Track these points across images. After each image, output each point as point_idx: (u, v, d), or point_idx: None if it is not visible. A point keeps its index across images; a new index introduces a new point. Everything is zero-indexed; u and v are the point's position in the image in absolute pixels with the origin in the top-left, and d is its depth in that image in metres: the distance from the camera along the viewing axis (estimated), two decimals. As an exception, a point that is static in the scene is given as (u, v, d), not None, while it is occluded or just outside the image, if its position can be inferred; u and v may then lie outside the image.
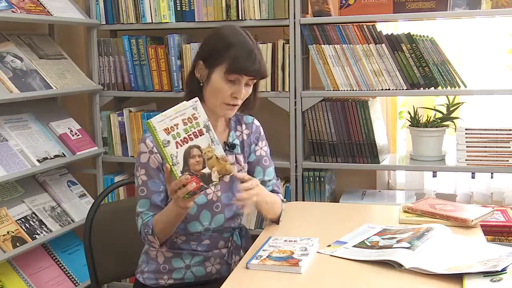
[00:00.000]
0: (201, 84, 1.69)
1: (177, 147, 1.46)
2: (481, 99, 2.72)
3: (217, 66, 1.63)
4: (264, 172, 1.84)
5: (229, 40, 1.64)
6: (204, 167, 1.48)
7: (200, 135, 1.49)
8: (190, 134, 1.48)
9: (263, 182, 1.82)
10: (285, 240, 1.64)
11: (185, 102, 1.49)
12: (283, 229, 1.79)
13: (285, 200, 1.89)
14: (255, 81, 1.69)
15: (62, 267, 2.64)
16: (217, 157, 1.50)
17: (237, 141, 1.79)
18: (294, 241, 1.63)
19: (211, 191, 1.70)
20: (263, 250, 1.58)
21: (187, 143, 1.47)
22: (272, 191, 1.84)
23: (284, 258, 1.51)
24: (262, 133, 1.87)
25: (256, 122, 1.87)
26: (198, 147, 1.48)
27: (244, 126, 1.83)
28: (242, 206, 1.61)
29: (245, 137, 1.82)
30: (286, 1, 2.53)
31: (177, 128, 1.46)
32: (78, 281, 2.64)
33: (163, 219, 1.61)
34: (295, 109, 2.60)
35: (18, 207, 2.44)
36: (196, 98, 1.51)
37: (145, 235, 1.65)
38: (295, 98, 2.59)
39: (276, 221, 1.83)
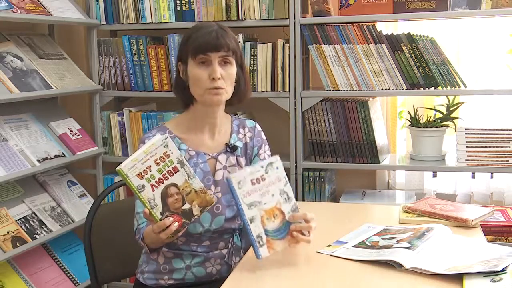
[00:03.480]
0: (187, 84, 1.71)
1: (153, 190, 1.42)
2: (481, 99, 2.71)
3: (188, 57, 1.68)
4: None
5: (192, 29, 1.71)
6: (184, 203, 1.46)
7: (175, 172, 1.45)
8: (165, 174, 1.44)
9: None
10: (252, 183, 1.51)
11: (154, 141, 1.45)
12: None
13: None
14: (228, 58, 1.68)
15: (62, 267, 2.64)
16: (195, 191, 1.48)
17: (239, 143, 1.80)
18: (262, 178, 1.53)
19: (211, 192, 1.70)
20: (252, 222, 1.49)
21: (163, 183, 1.44)
22: None
23: (283, 230, 1.53)
24: (264, 137, 1.89)
25: (258, 127, 1.88)
26: (175, 185, 1.45)
27: (247, 129, 1.84)
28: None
29: (248, 139, 1.83)
30: (286, 1, 2.52)
31: (150, 171, 1.42)
32: (78, 281, 2.64)
33: (152, 236, 1.57)
34: (295, 109, 2.60)
35: (18, 207, 2.43)
36: (166, 135, 1.47)
37: (137, 239, 1.66)
38: (295, 98, 2.59)
39: None
